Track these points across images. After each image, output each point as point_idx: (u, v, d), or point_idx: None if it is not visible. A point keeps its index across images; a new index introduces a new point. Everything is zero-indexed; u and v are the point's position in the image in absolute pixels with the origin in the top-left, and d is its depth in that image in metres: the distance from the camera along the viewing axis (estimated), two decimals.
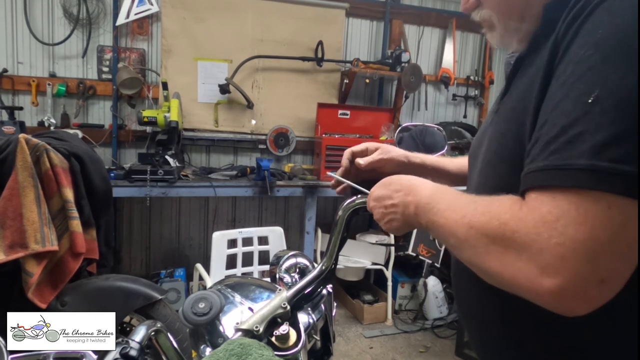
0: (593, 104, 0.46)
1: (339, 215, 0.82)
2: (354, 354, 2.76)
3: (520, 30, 0.66)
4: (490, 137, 0.69)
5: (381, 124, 3.36)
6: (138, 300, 1.74)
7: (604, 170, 0.44)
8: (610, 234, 0.44)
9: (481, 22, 0.70)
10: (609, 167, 0.44)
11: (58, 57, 2.97)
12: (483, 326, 0.72)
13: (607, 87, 0.46)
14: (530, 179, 0.51)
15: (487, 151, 0.68)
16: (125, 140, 3.11)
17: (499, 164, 0.64)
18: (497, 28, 0.68)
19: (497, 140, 0.65)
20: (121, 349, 0.65)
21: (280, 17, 3.31)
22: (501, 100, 0.70)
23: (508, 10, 0.66)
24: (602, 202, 0.44)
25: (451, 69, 3.75)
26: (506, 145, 0.61)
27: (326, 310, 0.86)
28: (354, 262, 3.16)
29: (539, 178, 0.49)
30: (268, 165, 2.75)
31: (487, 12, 0.68)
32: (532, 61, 0.61)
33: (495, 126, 0.68)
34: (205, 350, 0.72)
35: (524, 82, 0.61)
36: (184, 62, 3.15)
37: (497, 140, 0.65)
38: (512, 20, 0.66)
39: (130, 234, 3.26)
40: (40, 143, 1.58)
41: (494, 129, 0.68)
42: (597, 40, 0.48)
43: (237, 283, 0.88)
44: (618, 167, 0.44)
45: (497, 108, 0.71)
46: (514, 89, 0.65)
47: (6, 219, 1.49)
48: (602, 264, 0.45)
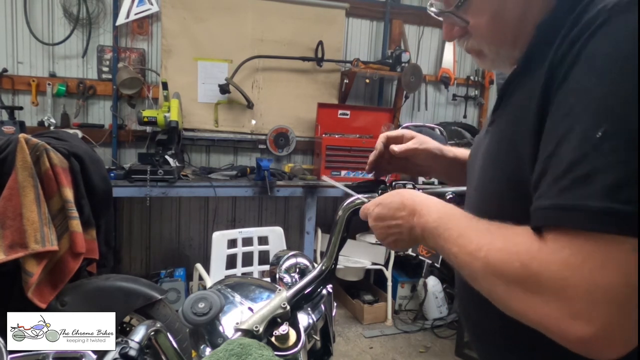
0: (602, 139, 0.45)
1: (339, 215, 0.82)
2: (354, 354, 2.76)
3: (512, 56, 0.64)
4: (483, 155, 0.68)
5: (381, 124, 3.36)
6: (138, 300, 1.74)
7: (622, 213, 0.43)
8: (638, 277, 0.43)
9: (469, 50, 0.68)
10: (626, 209, 0.43)
11: (58, 57, 2.97)
12: (484, 334, 0.71)
13: (615, 121, 0.45)
14: (542, 216, 0.49)
15: (486, 170, 0.67)
16: (125, 140, 3.11)
17: (497, 189, 0.63)
18: (487, 55, 0.66)
19: (493, 162, 0.64)
20: (121, 349, 0.65)
21: (280, 17, 3.30)
22: (493, 113, 0.69)
23: (500, 39, 0.63)
24: (626, 246, 0.43)
25: (451, 69, 3.75)
26: (503, 168, 0.61)
27: (326, 310, 0.86)
28: (354, 262, 3.16)
29: (552, 217, 0.48)
30: (268, 165, 2.75)
31: (476, 42, 0.66)
32: (525, 82, 0.59)
33: (488, 145, 0.67)
34: (205, 350, 0.72)
35: (516, 104, 0.60)
36: (184, 62, 3.15)
37: (493, 162, 0.64)
38: (504, 48, 0.64)
39: (130, 234, 3.26)
40: (40, 143, 1.58)
41: (486, 147, 0.68)
42: (599, 69, 0.47)
43: (237, 283, 0.88)
44: (634, 209, 0.43)
45: (491, 122, 0.69)
46: (506, 107, 0.64)
47: (6, 219, 1.49)
48: (634, 308, 0.43)
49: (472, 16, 0.63)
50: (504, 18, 0.61)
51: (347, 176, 3.08)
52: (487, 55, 0.66)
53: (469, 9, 0.63)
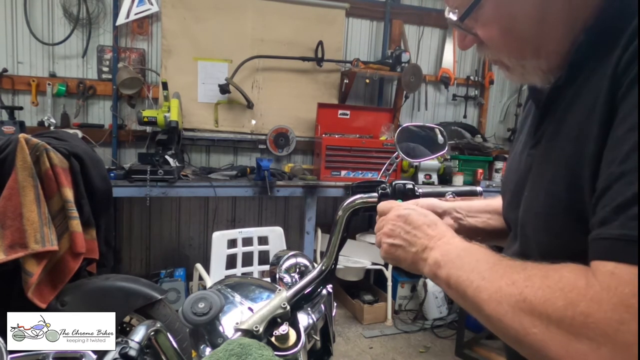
0: None
1: (339, 215, 0.82)
2: (353, 354, 2.76)
3: (540, 68, 0.58)
4: (534, 184, 0.59)
5: (381, 124, 3.36)
6: (138, 300, 1.74)
7: None
8: None
9: (492, 62, 0.62)
10: None
11: (58, 57, 2.97)
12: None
13: None
14: (603, 246, 0.43)
15: (533, 201, 0.59)
16: (125, 140, 3.11)
17: (552, 218, 0.55)
18: (511, 68, 0.60)
19: (545, 189, 0.56)
20: (120, 349, 0.65)
21: (280, 17, 3.31)
22: (535, 133, 0.62)
23: (519, 51, 0.57)
24: None
25: (451, 69, 3.75)
26: (558, 195, 0.53)
27: (326, 310, 0.86)
28: (354, 262, 3.16)
29: (617, 249, 0.41)
30: (268, 165, 2.75)
31: (496, 54, 0.60)
32: (576, 96, 0.53)
33: (539, 169, 0.59)
34: (205, 350, 0.72)
35: (574, 120, 0.53)
36: (184, 62, 3.15)
37: (545, 189, 0.56)
38: (527, 59, 0.57)
39: (130, 234, 3.26)
40: (40, 143, 1.58)
41: (538, 172, 0.59)
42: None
43: (237, 283, 0.88)
44: None
45: (534, 143, 0.61)
46: (557, 125, 0.57)
47: (6, 219, 1.49)
48: None
49: (481, 28, 0.58)
50: (516, 29, 0.56)
51: (347, 176, 3.08)
52: (510, 67, 0.60)
53: (477, 21, 0.58)
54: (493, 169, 3.56)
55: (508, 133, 4.06)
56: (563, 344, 0.42)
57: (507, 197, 0.72)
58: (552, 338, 0.43)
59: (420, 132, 1.05)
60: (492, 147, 3.66)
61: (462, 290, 0.53)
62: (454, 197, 0.84)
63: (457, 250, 0.56)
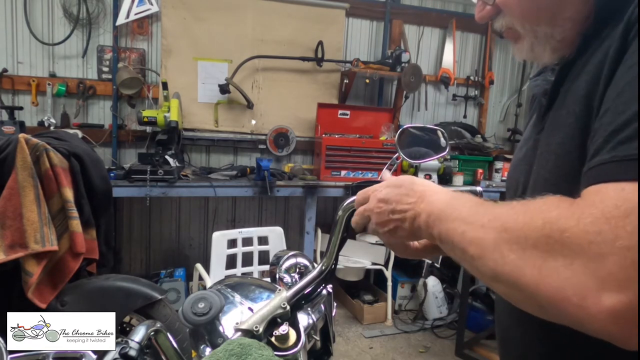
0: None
1: (338, 215, 0.82)
2: (353, 354, 2.76)
3: (552, 37, 0.57)
4: (542, 154, 0.59)
5: (381, 124, 3.36)
6: (138, 300, 1.74)
7: None
8: None
9: (504, 32, 0.62)
10: None
11: (58, 57, 2.96)
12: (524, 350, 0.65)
13: None
14: (594, 174, 0.42)
15: (541, 170, 0.58)
16: (125, 140, 3.11)
17: (561, 181, 0.53)
18: (524, 37, 0.60)
19: (554, 152, 0.55)
20: (120, 349, 0.65)
21: (280, 17, 3.31)
22: (543, 118, 0.62)
23: (535, 16, 0.57)
24: None
25: (451, 69, 3.75)
26: (567, 155, 0.52)
27: (326, 310, 0.86)
28: (354, 262, 3.16)
29: (605, 172, 0.40)
30: (268, 165, 2.75)
31: (510, 20, 0.60)
32: (587, 62, 0.54)
33: (546, 140, 0.58)
34: (205, 350, 0.72)
35: (582, 82, 0.53)
36: (184, 62, 3.15)
37: (554, 152, 0.55)
38: (541, 26, 0.57)
39: (130, 234, 3.26)
40: (40, 143, 1.58)
41: (544, 143, 0.58)
42: None
43: (237, 283, 0.88)
44: None
45: (541, 127, 0.61)
46: (565, 97, 0.57)
47: (6, 219, 1.49)
48: None
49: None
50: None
51: (347, 176, 3.08)
52: (522, 36, 0.60)
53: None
54: (493, 169, 3.56)
55: (508, 133, 4.06)
56: (537, 264, 0.39)
57: (512, 188, 0.71)
58: (527, 261, 0.40)
59: (423, 135, 1.04)
60: (492, 147, 3.66)
61: (451, 241, 0.51)
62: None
63: (441, 205, 0.54)
